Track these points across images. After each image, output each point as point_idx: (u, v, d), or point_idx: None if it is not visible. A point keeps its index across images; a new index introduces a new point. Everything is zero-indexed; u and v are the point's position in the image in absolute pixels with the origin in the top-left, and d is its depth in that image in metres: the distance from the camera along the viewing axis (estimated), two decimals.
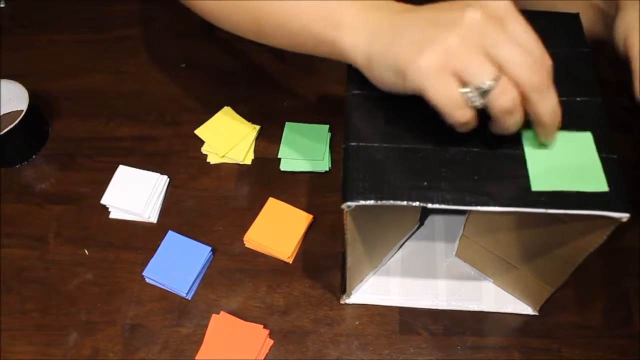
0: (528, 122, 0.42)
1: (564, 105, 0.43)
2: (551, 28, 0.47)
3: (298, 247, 0.59)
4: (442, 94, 0.37)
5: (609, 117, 0.43)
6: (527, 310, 0.55)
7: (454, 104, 0.37)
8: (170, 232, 0.60)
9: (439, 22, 0.38)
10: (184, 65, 0.74)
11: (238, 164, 0.66)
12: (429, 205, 0.39)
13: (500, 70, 0.36)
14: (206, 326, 0.55)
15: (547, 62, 0.38)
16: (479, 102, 0.37)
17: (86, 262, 0.60)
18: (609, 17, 0.50)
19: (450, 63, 0.36)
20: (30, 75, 0.69)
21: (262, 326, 0.55)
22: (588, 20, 0.49)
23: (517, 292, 0.55)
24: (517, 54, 0.36)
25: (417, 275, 0.57)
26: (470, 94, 0.37)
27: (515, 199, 0.39)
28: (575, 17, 0.48)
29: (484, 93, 0.37)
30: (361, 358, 0.54)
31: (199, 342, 0.54)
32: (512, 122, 0.38)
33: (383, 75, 0.41)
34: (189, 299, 0.57)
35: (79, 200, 0.64)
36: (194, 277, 0.57)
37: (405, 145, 0.42)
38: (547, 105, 0.38)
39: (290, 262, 0.59)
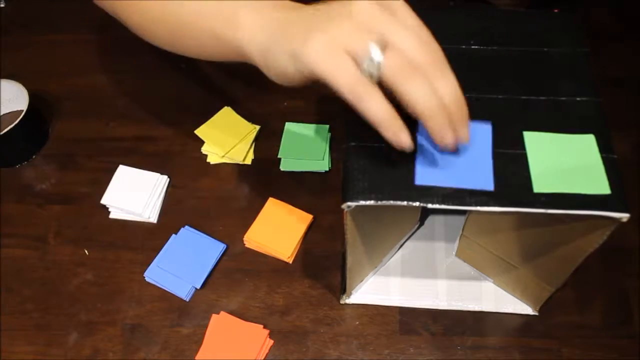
0: (529, 124, 0.42)
1: (564, 105, 0.43)
2: (551, 28, 0.47)
3: (298, 247, 0.59)
4: (338, 71, 0.37)
5: (609, 117, 0.43)
6: (527, 310, 0.55)
7: (352, 80, 0.37)
8: (185, 228, 0.60)
9: (332, 14, 0.39)
10: (184, 65, 0.74)
11: (238, 164, 0.66)
12: (429, 205, 0.39)
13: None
14: (206, 326, 0.55)
15: (436, 46, 0.39)
16: (375, 74, 0.37)
17: (86, 262, 0.60)
18: None
19: (342, 43, 0.37)
20: (30, 75, 0.69)
21: (262, 326, 0.55)
22: None
23: (517, 292, 0.55)
24: (405, 36, 0.37)
25: (417, 275, 0.57)
26: (365, 65, 0.37)
27: (516, 199, 0.39)
28: (575, 17, 0.48)
29: (378, 65, 0.37)
30: (361, 358, 0.54)
31: (199, 342, 0.54)
32: (420, 91, 0.37)
33: (279, 65, 0.41)
34: (193, 295, 0.57)
35: (79, 200, 0.64)
36: (207, 271, 0.57)
37: None
38: (447, 83, 0.38)
39: (290, 262, 0.59)
